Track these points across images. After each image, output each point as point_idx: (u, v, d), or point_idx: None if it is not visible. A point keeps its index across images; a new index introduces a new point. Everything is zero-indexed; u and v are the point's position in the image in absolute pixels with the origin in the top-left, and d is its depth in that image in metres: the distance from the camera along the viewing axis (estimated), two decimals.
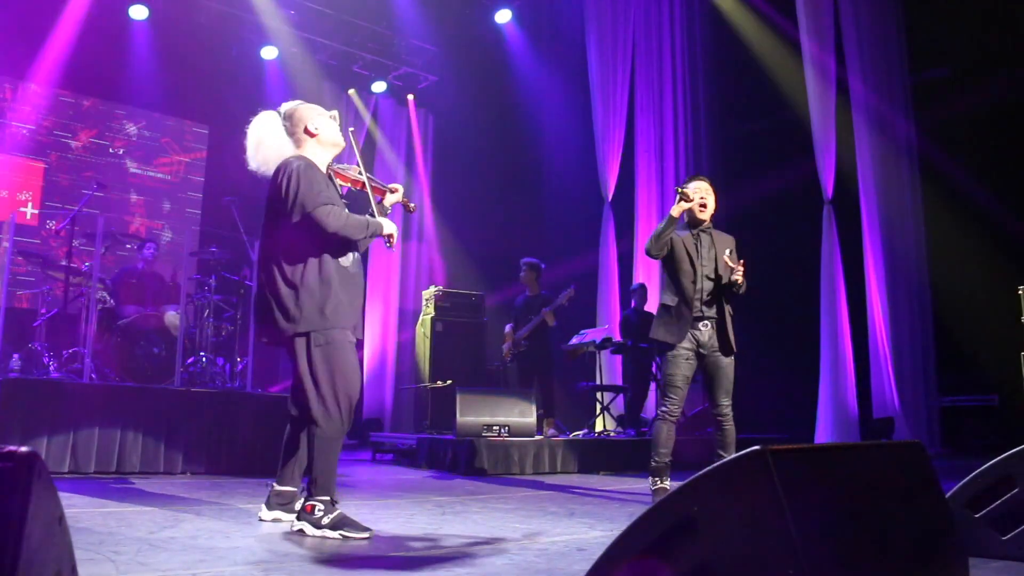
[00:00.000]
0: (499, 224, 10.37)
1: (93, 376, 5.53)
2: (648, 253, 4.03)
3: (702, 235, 4.04)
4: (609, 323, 7.82)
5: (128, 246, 8.32)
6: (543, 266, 7.08)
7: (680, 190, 3.94)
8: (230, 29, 9.39)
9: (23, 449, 0.96)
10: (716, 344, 3.94)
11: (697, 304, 3.93)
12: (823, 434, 7.20)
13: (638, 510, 3.55)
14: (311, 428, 2.83)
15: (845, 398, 7.19)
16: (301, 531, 2.80)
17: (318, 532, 2.74)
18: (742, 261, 3.96)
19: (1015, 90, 7.09)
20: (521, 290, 7.19)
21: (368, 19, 9.84)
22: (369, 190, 3.10)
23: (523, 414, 6.00)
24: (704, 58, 9.13)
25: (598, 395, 7.50)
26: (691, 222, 4.05)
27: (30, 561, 0.94)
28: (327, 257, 2.88)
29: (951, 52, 7.69)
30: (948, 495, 2.07)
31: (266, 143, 2.96)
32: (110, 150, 9.35)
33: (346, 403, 2.82)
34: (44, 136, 8.90)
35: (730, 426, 3.90)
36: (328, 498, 2.78)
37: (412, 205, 3.33)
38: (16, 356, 5.27)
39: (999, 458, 2.26)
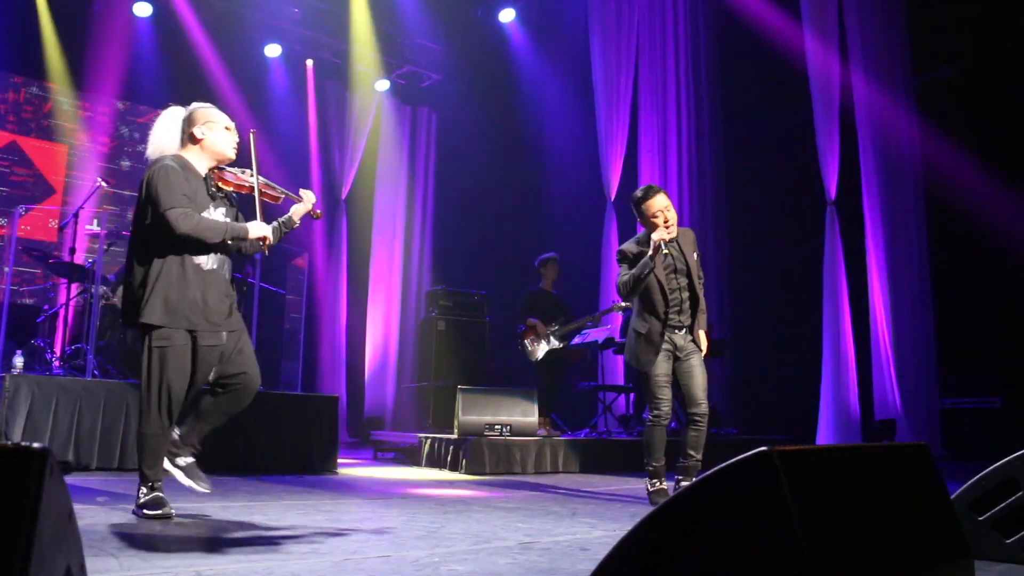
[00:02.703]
0: (502, 223, 10.38)
1: (96, 372, 5.53)
2: (623, 297, 3.99)
3: (670, 247, 3.97)
4: (611, 324, 7.82)
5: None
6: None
7: (656, 242, 3.79)
8: (233, 27, 9.39)
9: (35, 445, 0.96)
10: (690, 346, 3.95)
11: (674, 317, 3.92)
12: (824, 435, 7.20)
13: (640, 511, 3.55)
14: (140, 427, 2.96)
15: (847, 399, 7.18)
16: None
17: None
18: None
19: (1020, 90, 7.08)
20: (525, 284, 7.23)
21: (372, 18, 9.84)
22: (257, 196, 3.08)
23: (525, 413, 6.00)
24: (708, 58, 9.12)
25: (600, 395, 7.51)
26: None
27: (41, 557, 0.94)
28: (184, 255, 2.93)
29: (956, 52, 7.68)
30: (952, 497, 2.07)
31: (156, 135, 3.07)
32: (113, 147, 9.35)
33: (167, 405, 2.91)
34: (45, 132, 8.90)
35: (705, 426, 3.90)
36: (150, 485, 2.97)
37: (318, 212, 3.26)
38: (19, 352, 5.28)
39: (1003, 461, 2.26)
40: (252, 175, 3.11)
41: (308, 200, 3.21)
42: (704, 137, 9.05)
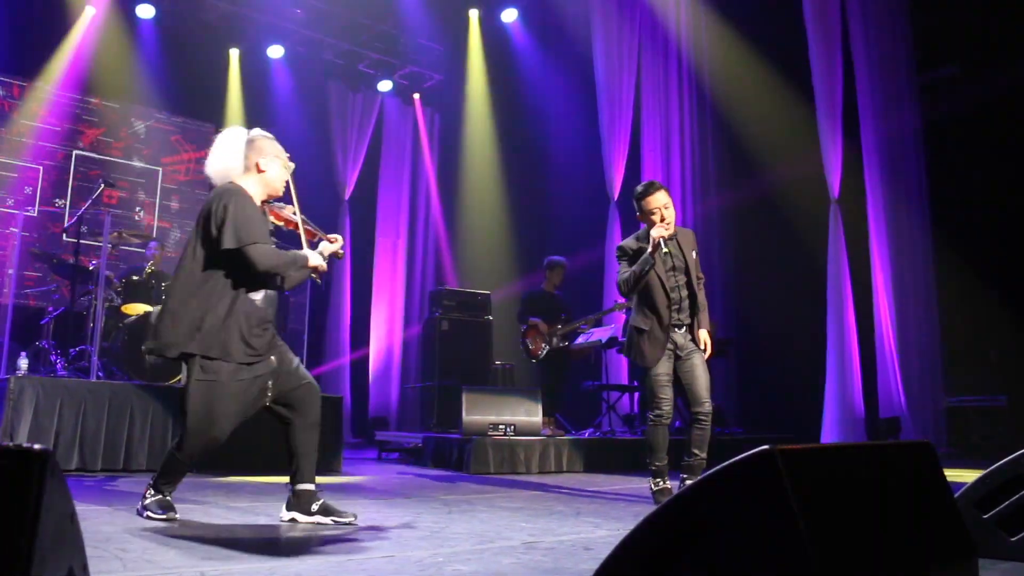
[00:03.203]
0: (504, 223, 10.38)
1: (100, 374, 5.55)
2: (624, 295, 3.96)
3: (670, 245, 3.93)
4: (614, 323, 7.81)
5: (130, 244, 8.34)
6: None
7: (655, 239, 3.78)
8: (237, 28, 9.41)
9: (36, 446, 0.96)
10: (690, 345, 3.94)
11: (675, 315, 3.91)
12: (829, 434, 7.18)
13: (644, 510, 3.54)
14: (175, 447, 2.95)
15: (851, 397, 7.16)
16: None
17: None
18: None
19: (1023, 88, 7.05)
20: (528, 284, 7.27)
21: (374, 18, 9.86)
22: (301, 231, 3.16)
23: (529, 413, 6.00)
24: (710, 56, 9.11)
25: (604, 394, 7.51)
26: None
27: (43, 558, 0.94)
28: (241, 290, 2.91)
29: (960, 49, 7.66)
30: (956, 495, 2.06)
31: (221, 155, 3.06)
32: (117, 148, 9.37)
33: (210, 440, 2.89)
34: (51, 134, 8.92)
35: (709, 424, 3.89)
36: (159, 489, 2.98)
37: (342, 252, 3.31)
38: (24, 354, 5.29)
39: (1008, 458, 2.25)
40: (295, 211, 3.18)
41: (337, 242, 3.27)
42: (707, 135, 9.03)
